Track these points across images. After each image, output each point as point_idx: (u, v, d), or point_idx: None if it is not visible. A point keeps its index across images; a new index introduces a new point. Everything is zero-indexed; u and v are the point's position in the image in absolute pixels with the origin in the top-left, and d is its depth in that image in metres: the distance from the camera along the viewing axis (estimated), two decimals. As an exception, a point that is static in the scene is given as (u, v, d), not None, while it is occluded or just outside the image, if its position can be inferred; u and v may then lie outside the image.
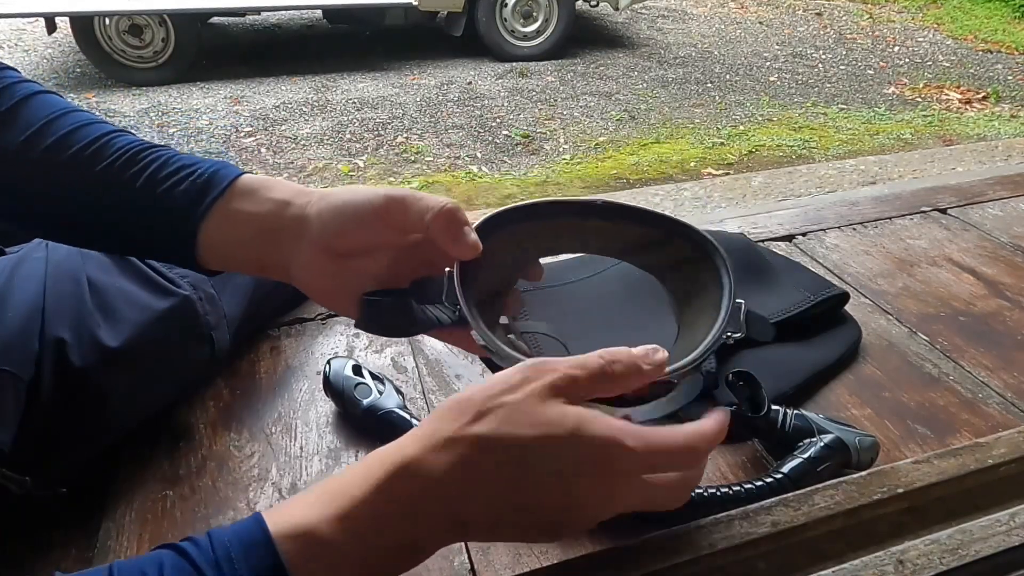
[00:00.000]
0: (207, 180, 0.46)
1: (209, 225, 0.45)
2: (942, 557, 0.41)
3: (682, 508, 0.47)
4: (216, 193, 0.45)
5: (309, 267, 0.46)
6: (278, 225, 0.45)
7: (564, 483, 0.35)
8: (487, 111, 4.11)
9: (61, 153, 0.46)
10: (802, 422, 0.53)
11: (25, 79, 0.50)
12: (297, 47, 5.26)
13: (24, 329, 0.49)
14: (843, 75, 4.92)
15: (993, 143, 3.76)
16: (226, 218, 0.45)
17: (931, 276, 0.80)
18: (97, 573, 0.32)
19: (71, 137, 0.46)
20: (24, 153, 0.46)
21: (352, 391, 0.57)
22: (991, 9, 6.68)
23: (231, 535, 0.33)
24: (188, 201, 0.45)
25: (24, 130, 0.46)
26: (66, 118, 0.47)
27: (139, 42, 4.33)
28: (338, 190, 0.46)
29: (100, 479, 0.53)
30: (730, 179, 3.29)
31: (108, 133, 0.47)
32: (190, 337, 0.58)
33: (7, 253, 0.55)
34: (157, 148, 0.48)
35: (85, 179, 0.46)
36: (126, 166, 0.46)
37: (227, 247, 0.46)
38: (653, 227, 0.50)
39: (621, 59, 5.11)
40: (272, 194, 0.46)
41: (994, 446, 0.48)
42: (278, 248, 0.46)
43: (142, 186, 0.46)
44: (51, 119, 0.47)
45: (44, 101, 0.48)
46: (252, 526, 0.33)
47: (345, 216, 0.45)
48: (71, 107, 0.49)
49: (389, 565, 0.35)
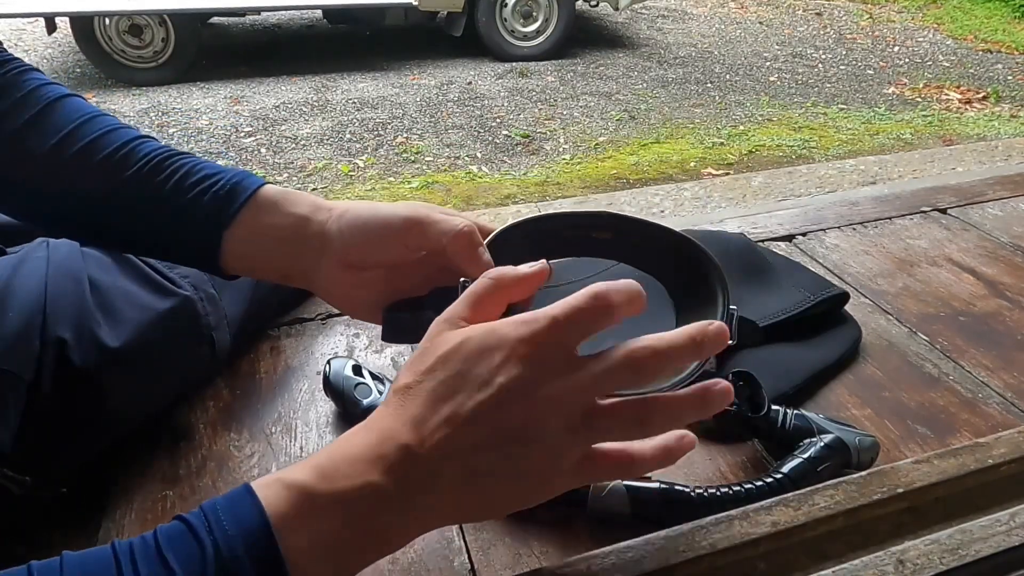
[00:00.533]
0: (230, 191, 0.48)
1: (233, 235, 0.47)
2: (942, 557, 0.41)
3: (681, 506, 0.47)
4: (238, 205, 0.47)
5: (330, 279, 0.48)
6: (300, 239, 0.47)
7: (501, 393, 0.34)
8: (487, 111, 4.11)
9: (90, 158, 0.48)
10: (802, 422, 0.53)
11: (50, 82, 0.51)
12: (297, 47, 5.26)
13: (25, 329, 0.49)
14: (843, 75, 4.92)
15: (993, 143, 3.76)
16: (249, 230, 0.47)
17: (931, 276, 0.80)
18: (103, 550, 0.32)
19: (99, 142, 0.48)
20: (53, 157, 0.47)
21: (352, 391, 0.57)
22: (991, 9, 6.68)
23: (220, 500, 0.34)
24: (212, 211, 0.47)
25: (53, 135, 0.48)
26: (93, 123, 0.49)
27: (139, 42, 4.33)
28: (358, 207, 0.48)
29: (100, 479, 0.53)
30: (730, 179, 3.29)
31: (135, 139, 0.49)
32: (191, 337, 0.58)
33: (8, 253, 0.55)
34: (181, 156, 0.49)
35: (113, 185, 0.48)
36: (152, 173, 0.48)
37: (250, 257, 0.49)
38: (657, 239, 0.50)
39: (621, 59, 5.11)
40: (294, 208, 0.48)
41: (994, 446, 0.48)
42: (300, 260, 0.48)
43: (168, 194, 0.47)
44: (80, 123, 0.48)
45: (72, 105, 0.50)
46: (239, 489, 0.34)
47: (366, 236, 0.47)
48: (97, 111, 0.50)
49: (370, 516, 0.34)
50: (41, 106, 0.48)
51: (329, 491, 0.33)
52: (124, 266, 0.56)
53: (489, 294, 0.39)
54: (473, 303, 0.38)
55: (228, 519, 0.32)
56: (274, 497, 0.33)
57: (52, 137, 0.47)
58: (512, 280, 0.39)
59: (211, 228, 0.47)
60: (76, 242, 0.57)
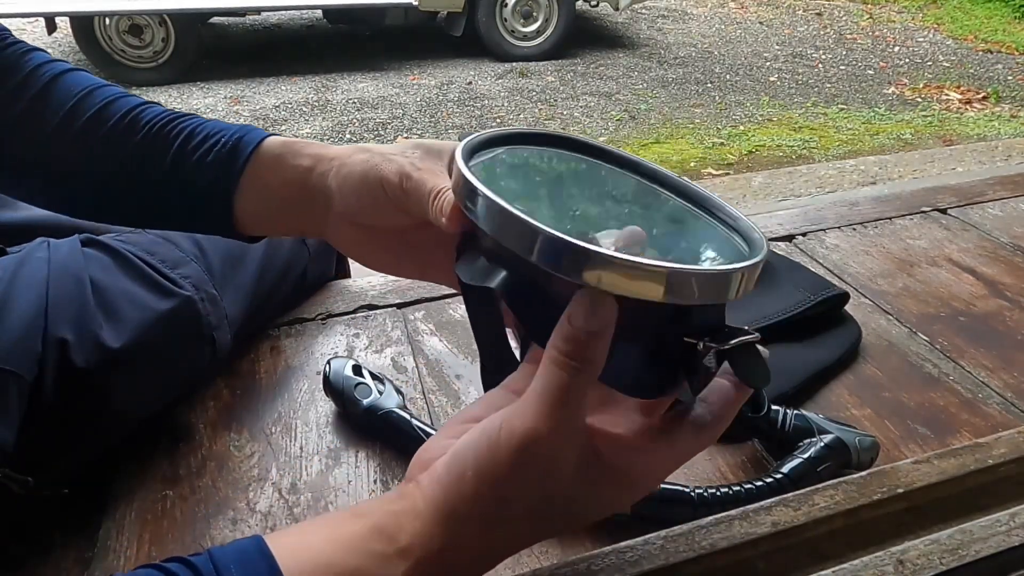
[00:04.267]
0: (232, 149, 0.46)
1: (241, 197, 0.46)
2: (942, 557, 0.41)
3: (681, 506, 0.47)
4: (241, 163, 0.45)
5: (340, 235, 0.46)
6: (306, 195, 0.45)
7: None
8: (487, 111, 4.11)
9: (96, 132, 0.47)
10: (802, 422, 0.53)
11: (53, 59, 0.50)
12: (297, 47, 5.26)
13: (27, 329, 0.49)
14: (843, 75, 4.92)
15: (993, 143, 3.76)
16: (255, 189, 0.46)
17: (931, 276, 0.80)
18: None
19: (103, 114, 0.47)
20: (61, 135, 0.47)
21: (352, 391, 0.57)
22: (991, 9, 6.67)
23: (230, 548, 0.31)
24: (217, 174, 0.46)
25: (58, 109, 0.47)
26: (97, 93, 0.48)
27: (139, 42, 4.33)
28: (353, 161, 0.43)
29: (100, 479, 0.53)
30: (730, 179, 3.29)
31: (137, 107, 0.48)
32: (192, 338, 0.58)
33: (8, 253, 0.55)
34: (184, 118, 0.48)
35: (120, 158, 0.47)
36: (156, 140, 0.47)
37: (262, 219, 0.47)
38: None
39: (621, 59, 5.11)
40: (296, 160, 0.45)
41: (994, 446, 0.48)
42: (310, 216, 0.46)
43: (172, 160, 0.46)
44: (83, 95, 0.48)
45: (75, 78, 0.49)
46: (250, 543, 0.32)
47: (360, 199, 0.43)
48: (100, 82, 0.49)
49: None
50: (43, 83, 0.48)
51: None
52: (125, 267, 0.56)
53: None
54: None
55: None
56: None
57: (57, 114, 0.47)
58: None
59: (218, 193, 0.46)
60: (75, 240, 0.57)
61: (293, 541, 0.32)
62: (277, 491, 0.53)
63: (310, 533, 0.32)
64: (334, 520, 0.33)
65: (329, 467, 0.55)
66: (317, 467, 0.55)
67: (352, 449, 0.57)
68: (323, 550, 0.31)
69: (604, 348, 0.30)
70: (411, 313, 0.73)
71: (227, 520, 0.51)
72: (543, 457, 0.31)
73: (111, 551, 0.48)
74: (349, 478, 0.54)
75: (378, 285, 0.77)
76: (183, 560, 0.30)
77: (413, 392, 0.63)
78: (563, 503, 0.33)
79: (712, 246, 0.37)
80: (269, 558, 0.30)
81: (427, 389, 0.63)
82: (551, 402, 0.30)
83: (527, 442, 0.30)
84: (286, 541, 0.31)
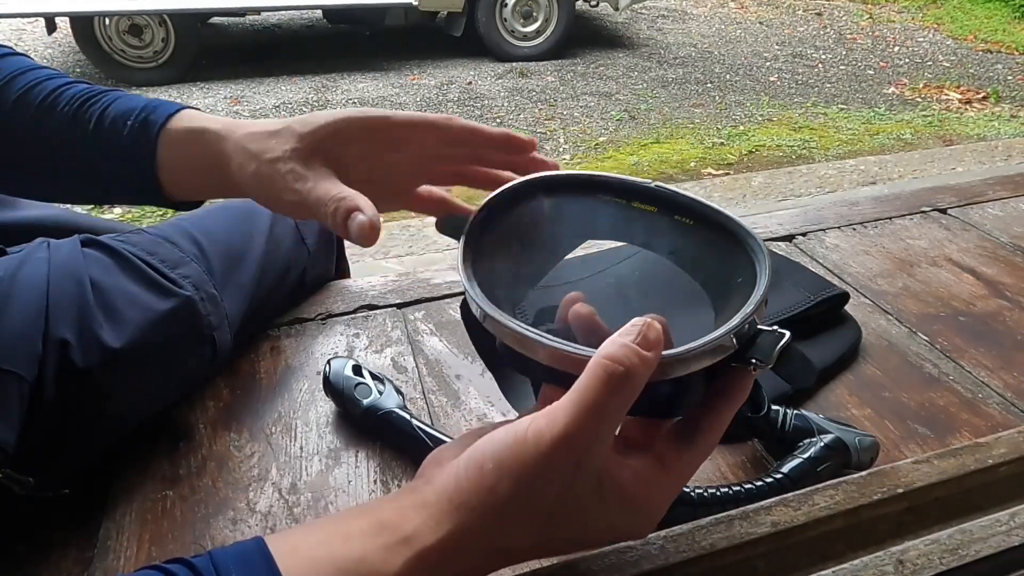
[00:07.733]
0: (140, 127, 0.48)
1: (162, 169, 0.48)
2: (942, 557, 0.41)
3: (681, 506, 0.47)
4: (153, 141, 0.47)
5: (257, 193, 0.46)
6: (214, 166, 0.47)
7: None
8: (487, 111, 4.11)
9: (23, 113, 0.49)
10: (802, 422, 0.53)
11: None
12: (297, 47, 5.26)
13: (27, 330, 0.49)
14: (843, 75, 4.92)
15: (993, 143, 3.76)
16: (171, 162, 0.48)
17: (931, 276, 0.80)
18: None
19: (28, 95, 0.49)
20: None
21: (352, 391, 0.57)
22: (991, 9, 6.68)
23: (231, 550, 0.31)
24: (133, 153, 0.48)
25: None
26: (24, 76, 0.50)
27: (139, 42, 4.33)
28: (247, 172, 0.45)
29: (100, 479, 0.53)
30: (730, 179, 3.29)
31: (61, 86, 0.50)
32: (192, 338, 0.58)
33: (8, 253, 0.55)
34: (99, 96, 0.50)
35: (44, 137, 0.49)
36: (75, 118, 0.49)
37: (187, 188, 0.49)
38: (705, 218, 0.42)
39: (621, 59, 5.11)
40: (200, 129, 0.47)
41: (994, 446, 0.48)
42: (226, 183, 0.47)
43: (91, 138, 0.48)
44: (10, 79, 0.49)
45: (7, 64, 0.51)
46: (251, 545, 0.31)
47: (263, 200, 0.46)
48: (34, 65, 0.52)
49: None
50: None
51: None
52: (125, 267, 0.56)
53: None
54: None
55: None
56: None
57: None
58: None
59: (139, 168, 0.48)
60: (75, 240, 0.57)
61: (295, 540, 0.32)
62: (277, 491, 0.53)
63: (313, 530, 0.33)
64: (338, 516, 0.34)
65: (329, 467, 0.55)
66: (317, 467, 0.55)
67: (352, 449, 0.57)
68: (324, 544, 0.31)
69: (648, 373, 0.31)
70: (411, 313, 0.73)
71: (227, 520, 0.51)
72: (569, 464, 0.31)
73: (111, 551, 0.48)
74: (349, 478, 0.54)
75: (378, 285, 0.77)
76: (184, 561, 0.30)
77: (413, 392, 0.63)
78: (576, 516, 0.32)
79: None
80: (269, 560, 0.30)
81: (427, 389, 0.63)
82: (588, 412, 0.30)
83: (557, 445, 0.30)
84: (287, 541, 0.32)
